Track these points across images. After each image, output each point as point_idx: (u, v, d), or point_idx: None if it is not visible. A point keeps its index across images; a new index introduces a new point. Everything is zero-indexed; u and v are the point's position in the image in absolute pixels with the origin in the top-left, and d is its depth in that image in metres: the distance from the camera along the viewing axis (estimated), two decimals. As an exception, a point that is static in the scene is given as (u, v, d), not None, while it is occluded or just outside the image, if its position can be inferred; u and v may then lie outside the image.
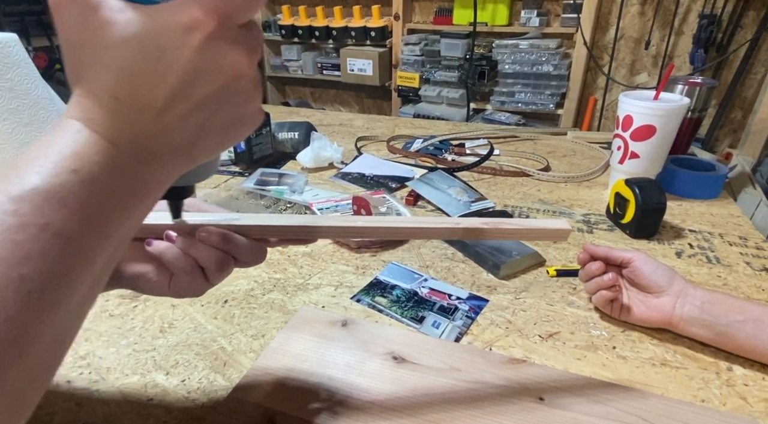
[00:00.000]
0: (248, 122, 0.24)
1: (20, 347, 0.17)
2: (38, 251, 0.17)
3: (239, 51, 0.21)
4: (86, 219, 0.18)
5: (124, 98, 0.19)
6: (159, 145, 0.21)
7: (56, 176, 0.18)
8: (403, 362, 0.45)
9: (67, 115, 0.20)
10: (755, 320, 0.44)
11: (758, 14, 1.71)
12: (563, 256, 0.65)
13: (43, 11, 2.59)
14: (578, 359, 0.47)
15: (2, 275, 0.17)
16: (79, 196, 0.18)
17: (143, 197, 0.21)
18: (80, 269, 0.19)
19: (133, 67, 0.19)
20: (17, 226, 0.17)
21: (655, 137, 0.76)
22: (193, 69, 0.19)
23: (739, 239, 0.70)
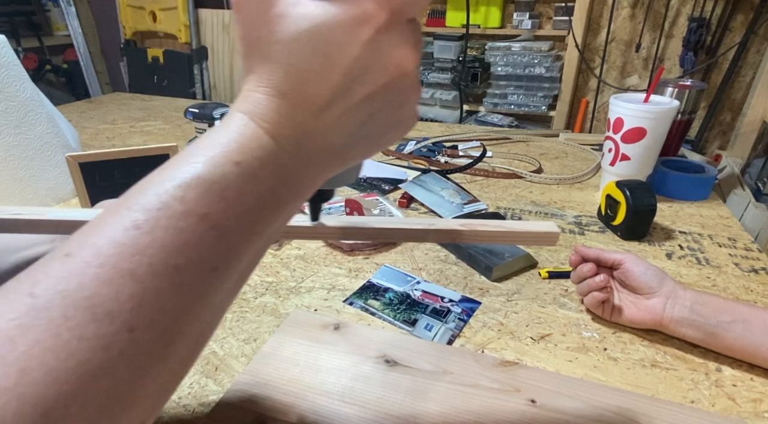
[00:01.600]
0: (404, 124, 0.23)
1: (167, 338, 0.17)
2: (195, 242, 0.17)
3: (406, 47, 0.20)
4: (241, 214, 0.18)
5: (291, 95, 0.19)
6: (316, 144, 0.20)
7: (219, 167, 0.18)
8: (396, 365, 0.45)
9: (235, 108, 0.20)
10: (743, 321, 0.45)
11: (746, 17, 1.73)
12: (555, 258, 0.65)
13: (33, 12, 2.56)
14: (570, 361, 0.47)
15: (162, 262, 0.16)
16: (238, 189, 0.18)
17: (295, 197, 0.21)
18: (229, 264, 0.18)
19: (301, 63, 0.19)
20: (181, 213, 0.17)
21: (646, 139, 0.76)
22: (358, 66, 0.19)
23: (728, 240, 0.71)
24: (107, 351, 0.15)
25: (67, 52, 2.73)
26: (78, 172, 0.57)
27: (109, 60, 2.87)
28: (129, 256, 0.16)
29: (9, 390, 0.13)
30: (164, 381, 0.17)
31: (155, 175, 0.18)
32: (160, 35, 2.58)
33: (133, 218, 0.16)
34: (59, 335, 0.14)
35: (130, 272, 0.16)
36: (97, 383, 0.15)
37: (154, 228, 0.16)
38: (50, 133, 0.77)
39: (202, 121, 0.98)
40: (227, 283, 0.19)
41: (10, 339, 0.14)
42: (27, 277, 0.16)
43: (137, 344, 0.16)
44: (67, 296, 0.15)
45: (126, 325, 0.15)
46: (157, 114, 1.38)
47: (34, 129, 0.74)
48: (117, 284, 0.15)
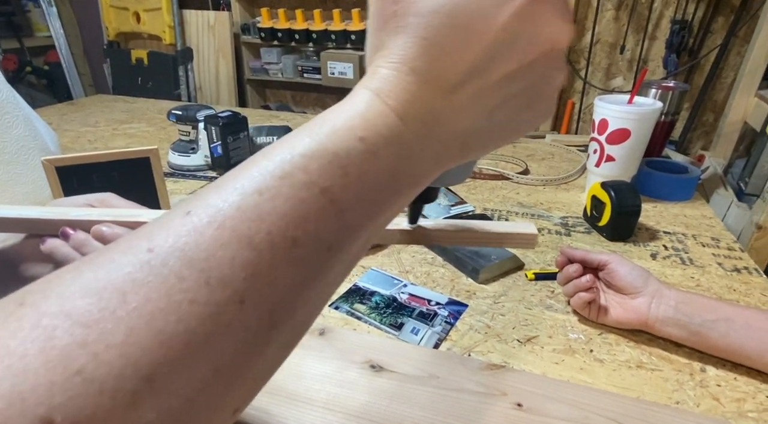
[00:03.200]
0: (542, 111, 0.20)
1: (275, 319, 0.16)
2: (315, 215, 0.16)
3: (560, 19, 0.18)
4: (360, 193, 0.17)
5: (422, 72, 0.18)
6: (443, 128, 0.19)
7: (344, 140, 0.17)
8: (382, 370, 0.45)
9: (361, 84, 0.19)
10: (727, 320, 0.45)
11: (727, 20, 1.76)
12: (541, 259, 0.65)
13: (14, 12, 2.51)
14: (556, 364, 0.47)
15: (280, 232, 0.15)
16: (360, 166, 0.17)
17: (410, 185, 0.19)
18: (342, 246, 0.17)
19: (437, 38, 0.17)
20: (304, 183, 0.16)
21: (630, 140, 0.77)
22: (503, 40, 0.17)
23: (712, 240, 0.71)
24: (216, 321, 0.14)
25: (48, 54, 2.68)
26: (55, 176, 0.56)
27: (91, 61, 2.82)
28: (249, 221, 0.15)
29: (115, 347, 0.13)
30: (264, 366, 0.16)
31: (278, 144, 0.17)
32: (144, 36, 2.54)
33: (256, 184, 0.16)
34: (171, 296, 0.14)
35: (248, 237, 0.15)
36: (204, 354, 0.14)
37: (275, 196, 0.16)
38: (27, 136, 0.75)
39: (186, 124, 0.96)
40: (337, 267, 0.17)
41: (122, 294, 0.13)
42: (145, 232, 0.15)
43: (246, 318, 0.15)
44: (183, 254, 0.14)
45: (237, 295, 0.14)
46: (141, 116, 1.35)
47: (10, 132, 0.72)
48: (233, 248, 0.15)
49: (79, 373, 0.12)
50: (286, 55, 2.44)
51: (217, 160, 0.94)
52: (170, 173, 0.95)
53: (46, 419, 0.12)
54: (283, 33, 2.32)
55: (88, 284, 0.14)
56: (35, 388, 0.12)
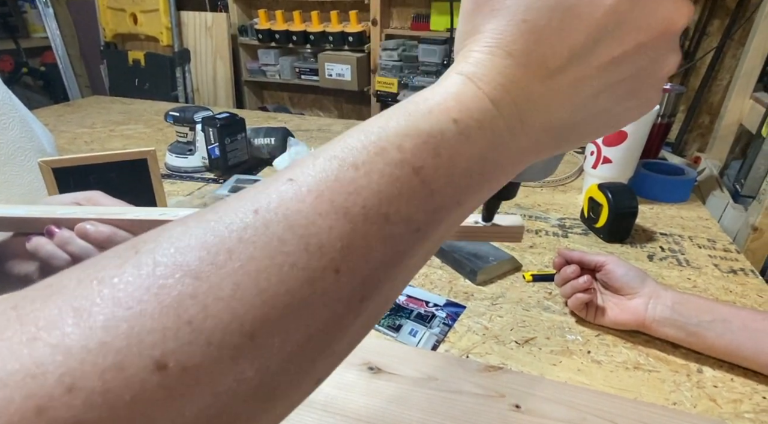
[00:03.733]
0: (646, 100, 0.19)
1: (365, 291, 0.16)
2: (407, 194, 0.16)
3: (676, 58, 0.17)
4: (451, 176, 0.17)
5: (518, 56, 0.17)
6: (537, 115, 0.18)
7: (437, 122, 0.16)
8: (380, 372, 0.45)
9: (452, 69, 0.18)
10: (723, 320, 0.45)
11: (722, 23, 1.77)
12: (539, 260, 0.66)
13: (10, 13, 2.50)
14: (554, 365, 0.47)
15: (374, 207, 0.15)
16: (451, 149, 0.17)
17: (498, 173, 0.18)
18: (429, 228, 0.17)
19: (538, 20, 0.16)
20: (398, 161, 0.16)
21: (627, 142, 0.77)
22: (610, 21, 0.16)
23: (708, 242, 0.72)
24: (312, 287, 0.14)
25: (44, 55, 2.67)
26: (51, 177, 0.55)
27: (88, 63, 2.81)
28: (345, 193, 0.15)
29: (223, 301, 0.13)
30: (349, 340, 0.17)
31: (373, 120, 0.17)
32: (141, 38, 2.54)
33: (353, 157, 0.16)
34: (273, 258, 0.14)
35: (344, 209, 0.15)
36: (300, 318, 0.14)
37: (371, 171, 0.16)
38: (24, 138, 0.75)
39: (183, 125, 0.96)
40: (421, 251, 0.17)
41: (229, 250, 0.14)
42: (249, 194, 0.16)
43: (339, 288, 0.15)
44: (286, 218, 0.15)
45: (333, 264, 0.15)
46: (138, 118, 1.35)
47: (6, 133, 0.72)
48: (331, 218, 0.15)
49: (190, 322, 0.13)
50: (283, 57, 2.44)
51: (215, 162, 0.94)
52: (168, 175, 0.95)
53: (161, 362, 0.12)
54: (280, 34, 2.32)
55: (198, 239, 0.14)
56: (151, 331, 0.12)
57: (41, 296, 0.13)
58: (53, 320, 0.12)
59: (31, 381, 0.11)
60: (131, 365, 0.12)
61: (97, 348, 0.12)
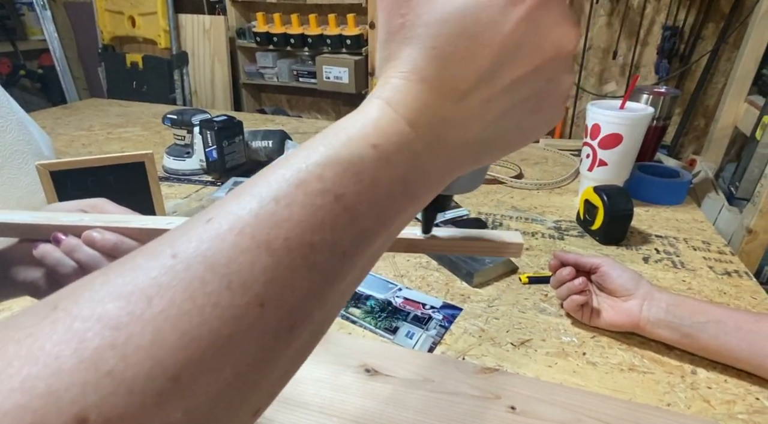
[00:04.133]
0: (550, 116, 0.21)
1: (293, 320, 0.16)
2: (330, 222, 0.16)
3: (566, 24, 0.18)
4: (373, 200, 0.17)
5: (431, 80, 0.18)
6: (453, 134, 0.19)
7: (357, 148, 0.17)
8: (376, 374, 0.45)
9: (373, 95, 0.19)
10: (717, 321, 0.46)
11: (717, 26, 1.79)
12: (535, 263, 0.66)
13: (8, 16, 2.50)
14: (549, 367, 0.47)
15: (297, 238, 0.16)
16: (373, 174, 0.17)
17: (423, 192, 0.20)
18: (357, 252, 0.18)
19: (446, 47, 0.18)
20: (319, 191, 0.16)
21: (622, 145, 0.78)
22: (509, 46, 0.18)
23: (703, 244, 0.72)
24: (238, 323, 0.15)
25: (42, 57, 2.67)
26: (49, 181, 0.55)
27: (86, 65, 2.81)
28: (267, 228, 0.16)
29: (143, 349, 0.13)
30: (283, 369, 0.17)
31: (294, 153, 0.18)
32: (139, 40, 2.54)
33: (273, 192, 0.16)
34: (195, 299, 0.14)
35: (266, 243, 0.15)
36: (226, 355, 0.14)
37: (291, 203, 0.16)
38: (21, 141, 0.75)
39: (181, 128, 0.96)
40: (351, 273, 0.18)
41: (148, 297, 0.14)
42: (169, 239, 0.16)
43: (266, 321, 0.15)
44: (206, 259, 0.15)
45: (258, 299, 0.15)
46: (136, 120, 1.35)
47: (3, 137, 0.72)
48: (253, 254, 0.15)
49: (110, 373, 0.13)
50: (281, 60, 2.45)
51: (213, 165, 0.94)
52: (165, 177, 0.95)
53: (81, 417, 0.12)
54: (278, 37, 2.33)
55: (116, 288, 0.14)
56: (70, 387, 0.12)
57: None
58: None
59: None
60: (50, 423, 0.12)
61: (14, 411, 0.12)
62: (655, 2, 1.84)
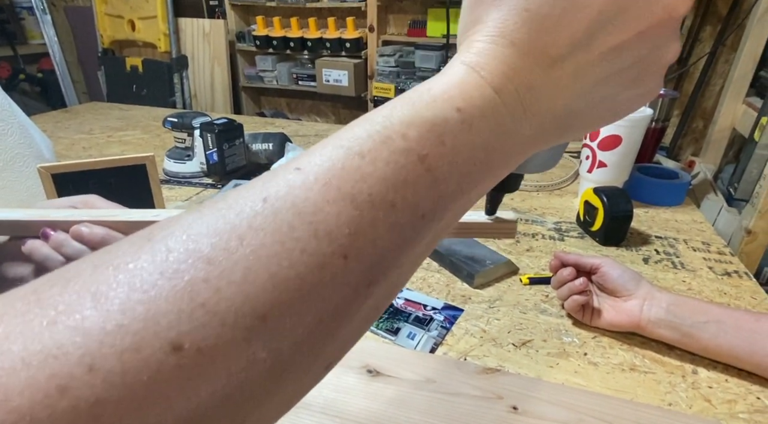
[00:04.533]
0: (648, 88, 0.19)
1: (372, 276, 0.16)
2: (412, 181, 0.16)
3: (676, 45, 0.17)
4: (455, 163, 0.17)
5: (521, 44, 0.17)
6: (540, 104, 0.18)
7: (441, 110, 0.17)
8: (378, 375, 0.45)
9: (455, 59, 0.18)
10: (717, 321, 0.46)
11: (714, 29, 1.80)
12: (536, 264, 0.66)
13: (7, 20, 2.50)
14: (551, 367, 0.47)
15: (380, 195, 0.16)
16: (456, 137, 0.17)
17: (502, 162, 0.19)
18: (435, 215, 0.17)
19: (540, 9, 0.16)
20: (403, 149, 0.16)
21: (621, 147, 0.78)
22: (610, 9, 0.16)
23: (702, 245, 0.72)
24: (322, 272, 0.15)
25: (42, 61, 2.67)
26: (51, 183, 0.56)
27: (86, 69, 2.82)
28: (352, 181, 0.16)
29: (235, 284, 0.14)
30: (357, 325, 0.17)
31: (379, 110, 0.18)
32: (139, 44, 2.55)
33: (359, 146, 0.16)
34: (284, 244, 0.14)
35: (351, 196, 0.15)
36: (310, 301, 0.15)
37: (376, 159, 0.16)
38: (22, 144, 0.75)
39: (181, 131, 0.97)
40: (427, 237, 0.18)
41: (239, 237, 0.14)
42: (259, 184, 0.16)
43: (348, 273, 0.15)
44: (294, 206, 0.15)
45: (342, 249, 0.15)
46: (136, 124, 1.36)
47: (5, 140, 0.72)
48: (339, 205, 0.15)
49: (203, 305, 0.13)
50: (281, 63, 2.46)
51: (213, 167, 0.94)
52: (166, 180, 0.95)
53: (177, 343, 0.13)
54: (278, 41, 2.34)
55: (210, 227, 0.15)
56: (167, 314, 0.13)
57: (60, 282, 0.13)
58: (72, 304, 0.12)
59: (53, 361, 0.11)
60: (148, 346, 0.12)
61: (115, 330, 0.12)
62: (652, 5, 1.85)
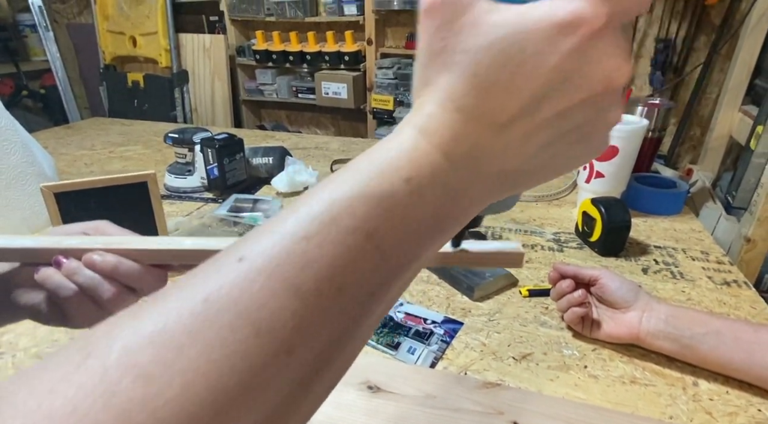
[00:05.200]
0: (593, 148, 0.19)
1: (319, 365, 0.16)
2: (360, 261, 0.16)
3: (619, 57, 0.17)
4: (404, 236, 0.17)
5: (470, 110, 0.17)
6: (490, 166, 0.18)
7: (389, 183, 0.17)
8: (379, 391, 0.45)
9: (406, 121, 0.18)
10: (716, 332, 0.46)
11: (709, 38, 1.82)
12: (535, 275, 0.66)
13: (10, 38, 2.54)
14: (551, 380, 0.47)
15: (327, 280, 0.15)
16: (404, 209, 0.17)
17: (455, 223, 0.19)
18: (386, 290, 0.17)
19: (488, 75, 0.17)
20: (351, 228, 0.16)
21: (618, 157, 0.79)
22: (555, 78, 0.16)
23: (701, 254, 0.73)
24: (265, 371, 0.14)
25: (44, 77, 2.70)
26: (53, 202, 0.56)
27: (88, 85, 2.85)
28: (297, 268, 0.15)
29: (171, 400, 0.13)
30: (307, 409, 0.17)
31: (323, 185, 0.17)
32: (140, 60, 2.57)
33: (304, 228, 0.16)
34: (225, 348, 0.14)
35: (296, 287, 0.15)
36: (253, 404, 0.14)
37: (323, 241, 0.16)
38: (25, 162, 0.76)
39: (182, 146, 0.98)
40: (378, 310, 0.17)
41: (179, 346, 0.14)
42: (200, 277, 0.16)
43: (293, 368, 0.15)
44: (236, 304, 0.15)
45: (285, 345, 0.15)
46: (137, 139, 1.37)
47: (8, 159, 0.73)
48: (282, 299, 0.15)
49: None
50: (280, 76, 2.48)
51: (214, 182, 0.95)
52: (167, 195, 0.96)
53: None
54: (277, 55, 2.36)
55: (149, 335, 0.14)
56: None
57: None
58: None
59: None
60: None
61: None
62: (647, 15, 1.88)
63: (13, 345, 0.52)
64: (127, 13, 2.47)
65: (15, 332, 0.54)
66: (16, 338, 0.53)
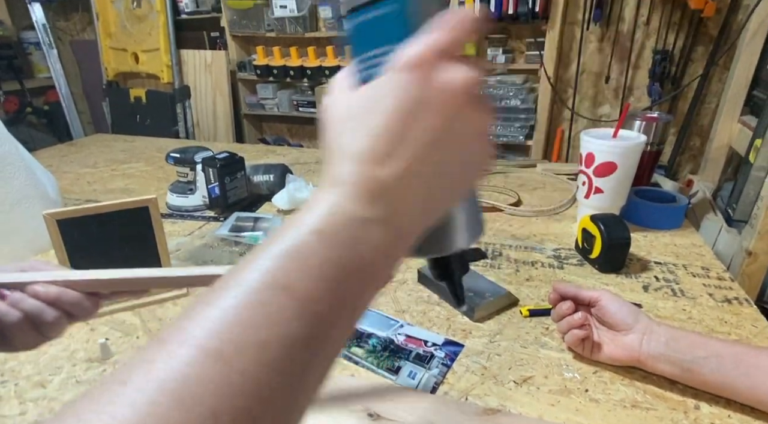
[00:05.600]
0: (478, 160, 0.24)
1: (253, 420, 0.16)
2: (277, 315, 0.17)
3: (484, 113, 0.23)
4: (322, 283, 0.18)
5: (357, 154, 0.21)
6: (394, 194, 0.21)
7: (300, 235, 0.19)
8: (379, 418, 0.45)
9: (321, 180, 0.22)
10: (717, 356, 0.46)
11: (706, 49, 1.83)
12: (535, 294, 0.66)
13: (15, 56, 2.57)
14: (552, 405, 0.47)
15: (245, 339, 0.16)
16: (319, 258, 0.18)
17: (381, 258, 0.20)
18: (317, 338, 0.18)
19: (342, 136, 0.22)
20: (269, 285, 0.18)
21: (617, 173, 0.79)
22: (409, 112, 0.21)
23: (702, 270, 0.72)
24: None
25: (48, 94, 2.74)
26: (56, 228, 0.57)
27: (91, 100, 2.88)
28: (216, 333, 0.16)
29: None
30: None
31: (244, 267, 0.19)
32: (142, 76, 2.61)
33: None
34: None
35: (216, 351, 0.16)
36: None
37: (239, 303, 0.17)
38: (28, 185, 0.77)
39: (184, 166, 0.98)
40: (316, 360, 0.18)
41: None
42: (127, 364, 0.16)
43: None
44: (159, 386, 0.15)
45: (210, 410, 0.15)
46: (140, 155, 1.38)
47: (11, 182, 0.74)
48: (201, 364, 0.16)
49: None
50: (281, 91, 2.50)
51: (215, 201, 0.95)
52: (168, 214, 0.96)
53: None
54: (278, 70, 2.39)
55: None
56: None
57: None
58: None
59: None
60: None
61: None
62: (644, 27, 1.89)
63: (15, 373, 0.52)
64: (130, 30, 2.50)
65: (18, 359, 0.54)
66: (19, 365, 0.53)
